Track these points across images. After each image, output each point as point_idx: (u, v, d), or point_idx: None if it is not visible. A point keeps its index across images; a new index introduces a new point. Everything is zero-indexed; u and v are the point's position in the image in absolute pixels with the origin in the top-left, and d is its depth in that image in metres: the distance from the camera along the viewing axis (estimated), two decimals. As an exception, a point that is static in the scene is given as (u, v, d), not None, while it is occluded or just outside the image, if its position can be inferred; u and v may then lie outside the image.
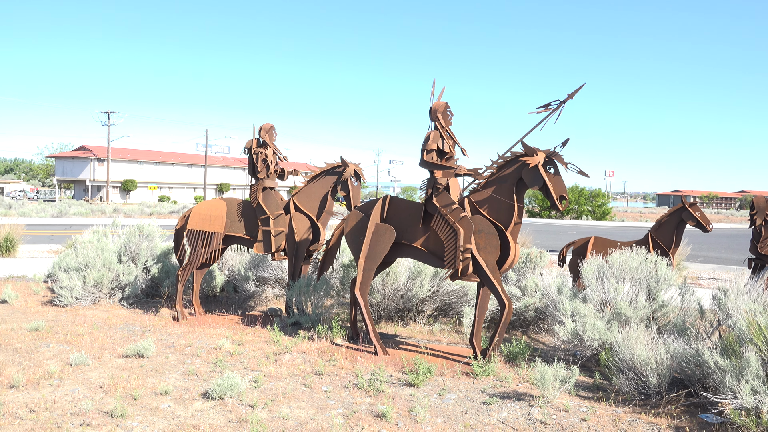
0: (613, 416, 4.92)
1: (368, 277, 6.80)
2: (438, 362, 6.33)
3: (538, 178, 6.09)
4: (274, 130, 8.74)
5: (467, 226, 6.21)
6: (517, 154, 6.29)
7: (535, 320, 7.87)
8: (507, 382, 5.76)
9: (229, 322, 8.11)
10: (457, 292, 8.38)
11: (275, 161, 8.60)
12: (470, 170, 6.66)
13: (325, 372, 5.96)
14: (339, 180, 8.27)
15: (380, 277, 8.13)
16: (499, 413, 4.97)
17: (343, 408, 5.03)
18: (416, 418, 4.81)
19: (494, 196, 6.34)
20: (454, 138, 6.78)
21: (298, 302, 8.02)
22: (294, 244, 8.18)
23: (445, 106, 6.79)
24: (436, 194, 6.51)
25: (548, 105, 6.70)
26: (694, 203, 8.79)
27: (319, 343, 6.97)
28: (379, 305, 8.23)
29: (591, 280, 7.11)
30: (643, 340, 5.42)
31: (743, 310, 5.13)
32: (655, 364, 5.20)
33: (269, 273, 9.87)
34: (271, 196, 8.44)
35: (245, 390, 5.28)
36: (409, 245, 6.76)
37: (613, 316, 6.46)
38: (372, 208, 6.92)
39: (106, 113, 64.38)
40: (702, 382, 5.10)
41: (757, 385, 4.47)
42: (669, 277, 6.83)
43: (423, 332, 7.87)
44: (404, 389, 5.53)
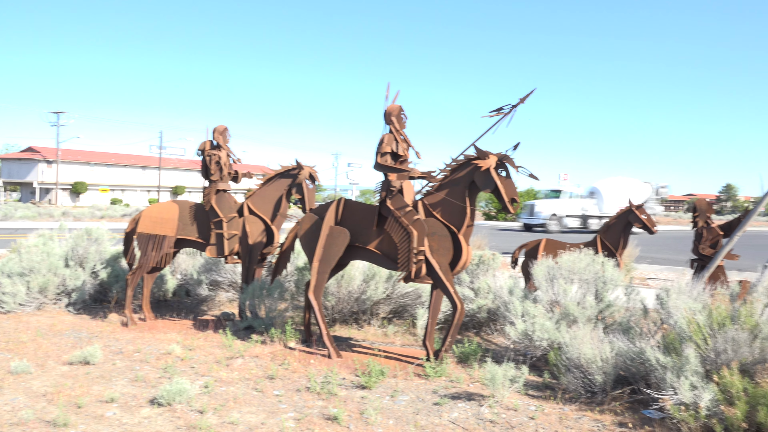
0: (561, 414, 5.03)
1: (322, 280, 6.79)
2: (391, 364, 6.35)
3: (490, 181, 6.18)
4: (227, 132, 8.64)
5: (420, 228, 6.26)
6: (469, 158, 6.37)
7: (487, 321, 7.98)
8: (458, 383, 5.82)
9: (180, 327, 7.97)
10: (412, 294, 8.43)
11: (229, 163, 8.50)
12: (424, 173, 6.71)
13: (278, 376, 5.92)
14: (294, 182, 8.22)
15: (335, 280, 8.11)
16: (450, 413, 5.03)
17: (294, 412, 5.00)
18: (368, 420, 4.82)
19: (447, 198, 6.41)
20: (408, 141, 6.83)
21: (252, 306, 7.94)
22: (248, 247, 8.10)
23: (399, 109, 6.83)
24: (390, 197, 6.54)
25: (500, 109, 6.82)
26: (640, 206, 9.07)
27: (272, 347, 6.92)
28: (334, 308, 8.21)
29: (541, 282, 7.26)
30: (589, 340, 5.55)
31: (684, 309, 5.32)
32: (601, 363, 5.34)
33: (223, 277, 9.75)
34: (224, 198, 8.33)
35: (195, 395, 5.20)
36: (364, 248, 6.77)
37: (561, 317, 6.61)
38: (326, 210, 6.91)
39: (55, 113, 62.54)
40: (645, 379, 5.25)
41: (696, 381, 4.63)
42: (615, 277, 7.02)
43: (377, 334, 7.89)
44: (357, 392, 5.53)
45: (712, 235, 8.15)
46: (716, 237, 8.14)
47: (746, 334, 4.84)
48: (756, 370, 4.68)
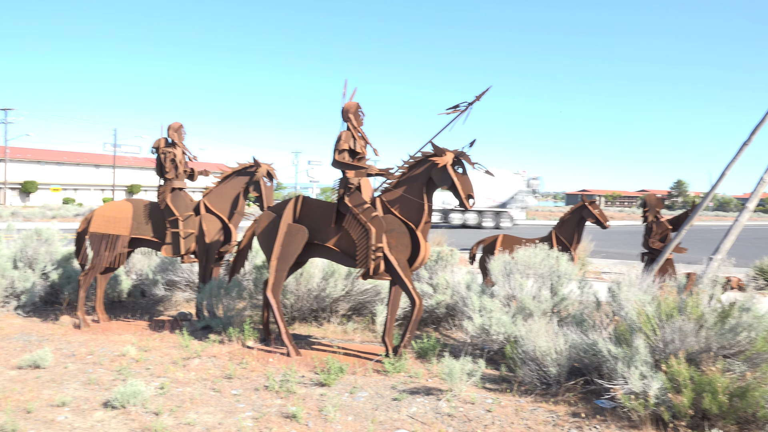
0: (517, 406, 5.12)
1: (280, 278, 6.74)
2: (351, 361, 6.36)
3: (447, 177, 6.24)
4: (183, 129, 8.50)
5: (379, 225, 6.28)
6: (426, 155, 6.42)
7: (446, 316, 8.06)
8: (417, 378, 5.87)
9: (135, 328, 7.81)
10: (371, 291, 8.45)
11: (184, 161, 8.36)
12: (382, 170, 6.74)
13: (236, 375, 5.86)
14: (251, 180, 8.14)
15: (294, 278, 8.07)
16: (409, 408, 5.06)
17: (252, 411, 4.96)
18: (326, 417, 4.82)
19: (405, 195, 6.45)
20: (366, 138, 6.84)
21: (209, 305, 7.84)
22: (204, 246, 7.98)
23: (356, 106, 6.84)
24: (348, 194, 6.54)
25: (457, 106, 6.88)
26: (593, 201, 9.29)
27: (230, 347, 6.84)
28: (293, 306, 8.17)
29: (498, 277, 7.37)
30: (544, 333, 5.67)
31: (634, 301, 5.47)
32: (555, 355, 5.46)
33: (179, 276, 9.59)
34: (180, 196, 8.20)
35: (150, 397, 5.11)
36: (322, 245, 6.76)
37: (518, 311, 6.72)
38: (284, 208, 6.86)
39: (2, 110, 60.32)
40: (598, 370, 5.39)
41: (646, 370, 4.78)
42: (569, 271, 7.18)
43: (337, 332, 7.89)
44: (316, 389, 5.52)
45: (661, 230, 8.40)
46: (665, 231, 8.40)
47: (692, 324, 5.01)
48: (702, 359, 4.85)
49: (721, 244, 6.03)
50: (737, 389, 4.46)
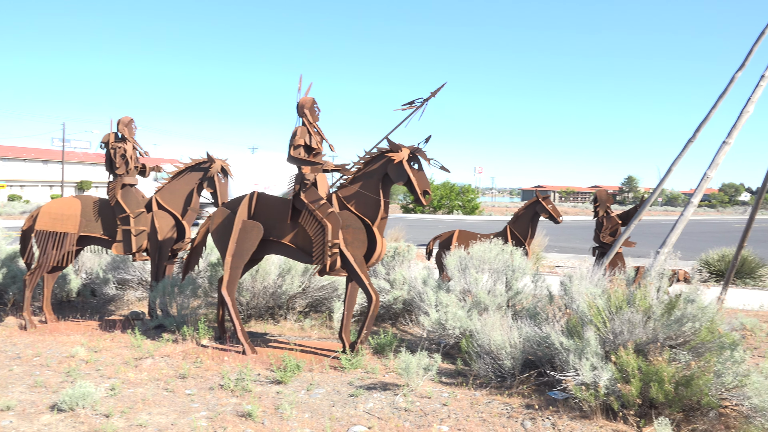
0: (472, 399, 5.19)
1: (235, 276, 6.66)
2: (307, 358, 6.33)
3: (403, 173, 6.26)
4: (133, 124, 8.29)
5: (335, 221, 6.26)
6: (382, 151, 6.43)
7: (403, 312, 8.10)
8: (374, 374, 5.88)
9: (85, 328, 7.59)
10: (328, 288, 8.43)
11: (135, 156, 8.16)
12: (338, 166, 6.72)
13: (190, 375, 5.76)
14: (205, 176, 8.01)
15: (249, 275, 7.98)
16: (365, 404, 5.07)
17: (207, 410, 4.89)
18: (283, 415, 4.78)
19: (361, 191, 6.44)
20: (322, 134, 6.80)
21: (162, 304, 7.68)
22: (157, 243, 7.81)
23: (312, 101, 6.79)
24: (304, 190, 6.50)
25: (413, 102, 6.92)
26: (546, 197, 9.46)
27: (184, 346, 6.72)
28: (249, 304, 8.08)
29: (454, 272, 7.44)
30: (499, 326, 5.76)
31: (585, 295, 5.60)
32: (510, 348, 5.55)
33: (131, 274, 9.37)
34: (131, 193, 8.00)
35: (100, 399, 4.98)
36: (278, 242, 6.70)
37: (473, 305, 6.80)
38: (239, 204, 6.77)
39: (-58, 103, 57.77)
40: (551, 362, 5.50)
41: (596, 361, 4.90)
42: (523, 266, 7.30)
43: (294, 329, 7.84)
44: (272, 387, 5.48)
45: (611, 224, 8.63)
46: (615, 226, 8.63)
47: (640, 316, 5.16)
48: (649, 349, 5.00)
49: (668, 238, 6.23)
50: (682, 378, 4.61)
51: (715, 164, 6.51)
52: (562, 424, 4.66)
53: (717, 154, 6.53)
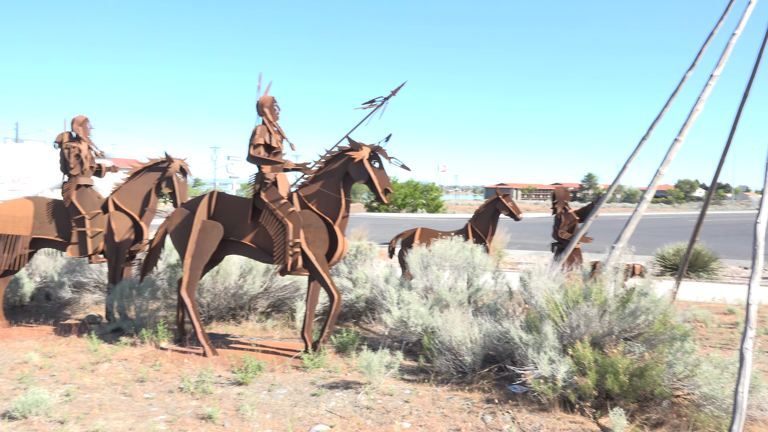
0: (434, 395, 5.23)
1: (195, 277, 6.57)
2: (269, 358, 6.29)
3: (364, 172, 6.27)
4: (88, 123, 8.09)
5: (296, 220, 6.23)
6: (343, 149, 6.42)
7: (365, 310, 8.11)
8: (336, 373, 5.88)
9: (39, 333, 7.39)
10: (290, 287, 8.39)
11: (91, 156, 7.97)
12: (298, 165, 6.69)
13: (148, 378, 5.66)
14: (163, 176, 7.88)
15: (210, 276, 7.89)
16: (328, 403, 5.07)
17: (166, 414, 4.81)
18: (244, 416, 4.75)
19: (322, 190, 6.43)
20: (282, 132, 6.76)
21: (120, 307, 7.53)
22: (114, 245, 7.65)
23: (272, 100, 6.74)
24: (264, 189, 6.45)
25: (373, 101, 6.93)
26: (506, 194, 9.60)
27: (142, 349, 6.60)
28: (210, 305, 7.98)
29: (416, 269, 7.48)
30: (460, 323, 5.82)
31: (543, 290, 5.71)
32: (470, 344, 5.61)
33: (88, 277, 9.15)
34: (86, 194, 7.81)
35: (55, 405, 4.85)
36: (238, 242, 6.63)
37: (435, 302, 6.86)
38: (198, 204, 6.68)
39: None
40: (511, 357, 5.59)
41: (554, 355, 5.00)
42: (484, 263, 7.39)
43: (256, 330, 7.77)
44: (233, 388, 5.43)
45: (569, 220, 8.80)
46: (573, 222, 8.80)
47: (596, 310, 5.28)
48: (605, 342, 5.13)
49: (622, 233, 6.39)
50: (637, 369, 4.74)
51: (667, 161, 6.70)
52: (521, 418, 4.74)
53: (669, 151, 6.73)
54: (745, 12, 6.87)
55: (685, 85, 7.34)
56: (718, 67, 6.89)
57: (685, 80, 7.25)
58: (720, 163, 8.62)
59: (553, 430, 4.52)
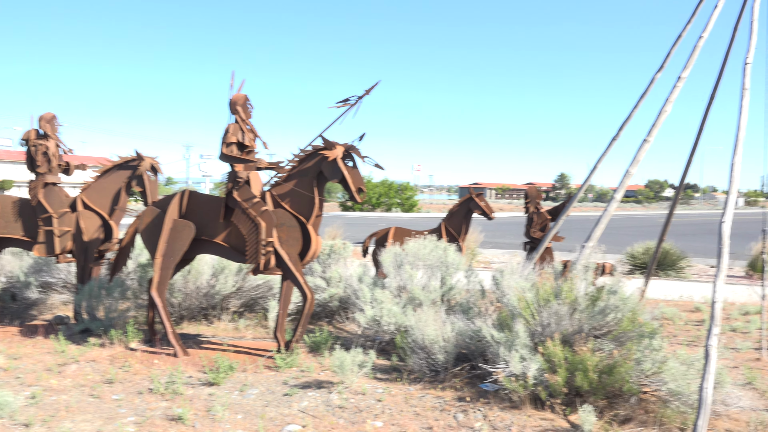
0: (406, 394, 5.25)
1: (166, 276, 6.49)
2: (241, 358, 6.24)
3: (337, 171, 6.25)
4: (56, 120, 7.93)
5: (269, 219, 6.19)
6: (317, 148, 6.40)
7: (339, 310, 8.09)
8: (309, 372, 5.86)
9: (4, 334, 7.22)
10: (263, 287, 8.33)
11: (58, 154, 7.82)
12: (271, 164, 6.64)
13: (117, 379, 5.58)
14: (134, 174, 7.77)
15: (181, 275, 7.79)
16: (300, 403, 5.05)
17: (135, 415, 4.75)
18: (215, 417, 4.70)
19: (295, 189, 6.39)
20: (255, 131, 6.71)
21: (89, 307, 7.39)
22: (82, 244, 7.52)
23: (244, 98, 6.69)
24: (237, 188, 6.40)
25: (347, 100, 6.92)
26: (479, 194, 9.66)
27: (111, 350, 6.50)
28: (181, 305, 7.89)
29: (389, 268, 7.49)
30: (432, 322, 5.84)
31: (515, 288, 5.76)
32: (443, 343, 5.64)
33: (55, 277, 8.97)
34: (54, 192, 7.66)
35: (20, 408, 4.75)
36: (210, 241, 6.57)
37: (408, 301, 6.87)
38: (169, 203, 6.60)
39: None
40: (483, 355, 5.63)
41: (525, 353, 5.05)
42: (457, 262, 7.43)
43: (228, 329, 7.70)
44: (204, 389, 5.37)
45: (541, 220, 8.89)
46: (545, 221, 8.90)
47: (567, 308, 5.35)
48: (575, 340, 5.19)
49: (593, 233, 6.48)
50: (606, 367, 4.81)
51: (636, 161, 6.81)
52: (492, 415, 4.77)
53: (638, 151, 6.84)
54: (712, 15, 7.01)
55: (654, 87, 7.47)
56: (686, 69, 7.03)
57: (654, 82, 7.38)
58: (687, 164, 8.80)
59: (523, 427, 4.56)
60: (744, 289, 11.66)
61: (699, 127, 8.63)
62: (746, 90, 5.40)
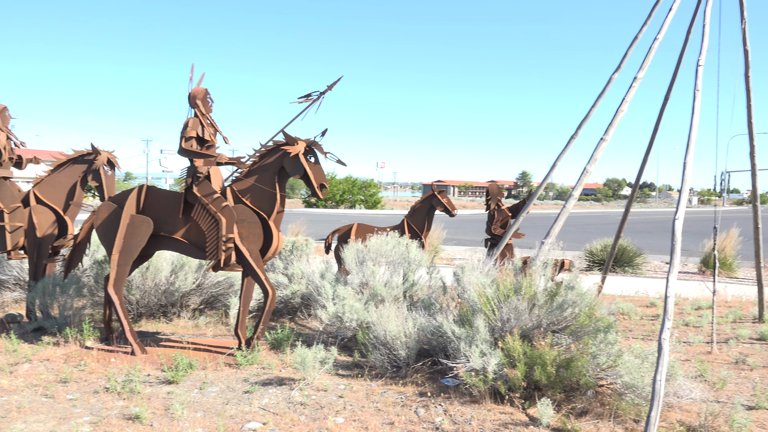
0: (368, 390, 5.26)
1: (123, 273, 6.35)
2: (201, 356, 6.16)
3: (299, 166, 6.21)
4: (7, 112, 7.68)
5: (229, 215, 6.12)
6: (278, 144, 6.35)
7: (301, 306, 8.06)
8: (270, 369, 5.82)
9: (-48, 333, 6.97)
10: (224, 284, 8.23)
11: (9, 147, 7.57)
12: (232, 159, 6.57)
13: (72, 379, 5.44)
14: (90, 169, 7.58)
15: (140, 272, 7.64)
16: (261, 400, 5.01)
17: (90, 415, 4.64)
18: (173, 415, 4.63)
19: (256, 185, 6.33)
20: (215, 125, 6.62)
21: (43, 305, 7.20)
22: (35, 240, 7.30)
23: (204, 92, 6.59)
24: (197, 183, 6.30)
25: (309, 95, 6.88)
26: (441, 191, 9.73)
27: (66, 349, 6.34)
28: (139, 302, 7.74)
29: (352, 265, 7.49)
30: (395, 318, 5.86)
31: (475, 284, 5.82)
32: (405, 338, 5.67)
33: (7, 274, 8.71)
34: (5, 186, 7.42)
35: (-32, 409, 4.60)
36: (169, 237, 6.46)
37: (370, 297, 6.88)
38: (126, 198, 6.46)
39: None
40: (444, 351, 5.68)
41: (485, 348, 5.11)
42: (419, 258, 7.47)
43: (188, 327, 7.59)
44: (162, 387, 5.28)
45: (502, 217, 9.01)
46: (506, 218, 9.02)
47: (526, 304, 5.44)
48: (534, 335, 5.28)
49: (551, 229, 6.59)
50: (563, 361, 4.91)
51: (593, 159, 6.95)
52: (453, 410, 4.82)
53: (595, 150, 6.97)
54: (667, 18, 7.19)
55: (612, 87, 7.63)
56: (642, 69, 7.20)
57: (611, 81, 7.54)
58: (643, 163, 9.02)
59: (483, 421, 4.62)
60: (697, 285, 12.04)
61: (654, 126, 8.86)
62: (698, 91, 5.56)
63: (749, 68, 8.05)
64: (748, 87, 8.09)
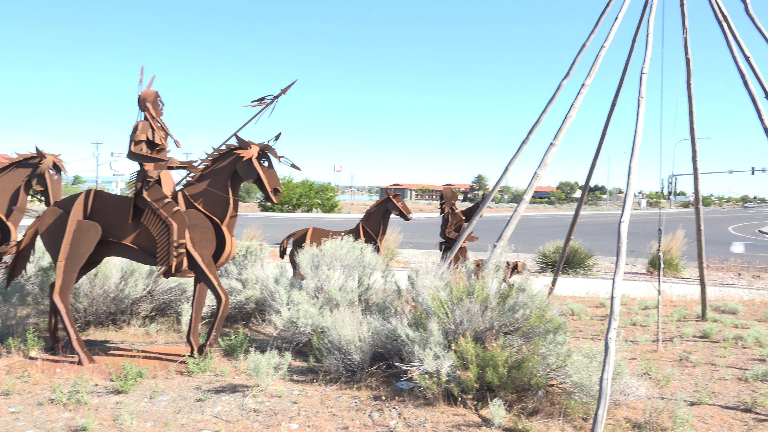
0: (322, 395, 5.24)
1: (70, 280, 6.17)
2: (152, 364, 6.03)
3: (253, 171, 6.16)
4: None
5: (181, 220, 6.01)
6: (231, 147, 6.28)
7: (255, 312, 7.98)
8: (223, 376, 5.74)
9: None
10: (176, 290, 8.08)
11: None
12: (183, 163, 6.46)
13: (15, 391, 5.25)
14: (34, 173, 7.34)
15: (87, 279, 7.43)
16: (213, 408, 4.94)
17: (34, 428, 4.49)
18: (122, 426, 4.52)
19: (209, 189, 6.25)
20: (166, 129, 6.50)
21: (-17, 314, 6.92)
22: (-24, 247, 7.02)
23: (155, 95, 6.46)
24: (147, 188, 6.17)
25: (263, 99, 6.83)
26: (397, 194, 9.78)
27: (8, 360, 6.11)
28: (87, 310, 7.52)
29: (307, 269, 7.45)
30: (349, 322, 5.86)
31: (429, 288, 5.87)
32: (359, 343, 5.67)
33: (-55, 283, 8.33)
34: (-57, 191, 7.12)
35: None
36: (118, 243, 6.30)
37: (325, 302, 6.86)
38: (73, 203, 6.28)
39: None
40: (399, 354, 5.71)
41: (439, 351, 5.16)
42: (374, 262, 7.49)
43: (138, 335, 7.42)
44: (111, 397, 5.15)
45: (456, 220, 9.11)
46: (460, 222, 9.13)
47: (479, 306, 5.51)
48: (486, 337, 5.36)
49: (503, 232, 6.70)
50: (515, 362, 5.00)
51: (543, 164, 7.10)
52: (407, 413, 4.85)
53: (545, 154, 7.13)
54: (613, 26, 7.42)
55: (561, 93, 7.81)
56: (589, 76, 7.39)
57: (560, 88, 7.72)
58: (592, 166, 9.27)
59: (437, 423, 4.66)
60: (645, 285, 12.41)
61: (602, 131, 9.11)
62: (642, 98, 5.75)
63: (691, 76, 8.36)
64: (690, 94, 8.40)
